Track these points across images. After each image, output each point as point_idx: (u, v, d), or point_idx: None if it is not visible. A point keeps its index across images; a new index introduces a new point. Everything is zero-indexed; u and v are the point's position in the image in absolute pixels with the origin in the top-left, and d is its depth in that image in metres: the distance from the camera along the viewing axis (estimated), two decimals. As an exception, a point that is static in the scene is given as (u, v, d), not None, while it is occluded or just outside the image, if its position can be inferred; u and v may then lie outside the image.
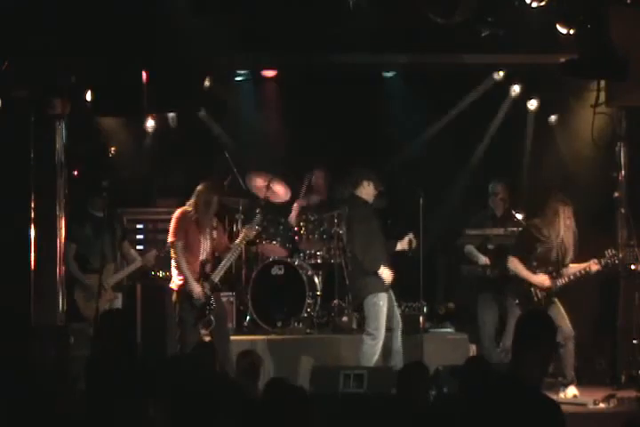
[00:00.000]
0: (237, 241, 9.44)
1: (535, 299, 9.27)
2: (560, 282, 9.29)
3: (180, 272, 9.09)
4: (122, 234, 9.78)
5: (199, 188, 9.24)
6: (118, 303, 9.59)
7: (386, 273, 9.20)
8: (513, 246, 9.59)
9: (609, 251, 9.29)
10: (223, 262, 9.29)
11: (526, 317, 4.77)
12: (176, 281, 9.15)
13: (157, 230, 10.70)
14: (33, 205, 9.62)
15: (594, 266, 9.26)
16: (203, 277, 9.13)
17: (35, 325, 9.24)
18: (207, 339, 9.12)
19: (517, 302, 9.35)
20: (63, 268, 9.65)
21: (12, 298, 9.41)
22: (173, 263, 9.16)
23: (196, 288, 9.04)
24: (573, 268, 9.32)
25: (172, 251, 9.16)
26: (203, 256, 9.19)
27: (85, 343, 9.04)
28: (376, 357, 9.23)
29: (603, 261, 9.27)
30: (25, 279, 9.57)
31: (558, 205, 9.28)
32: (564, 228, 9.26)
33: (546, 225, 9.30)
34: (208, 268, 9.19)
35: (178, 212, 9.29)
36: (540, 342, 4.44)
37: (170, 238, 9.17)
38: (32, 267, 9.59)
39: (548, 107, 11.30)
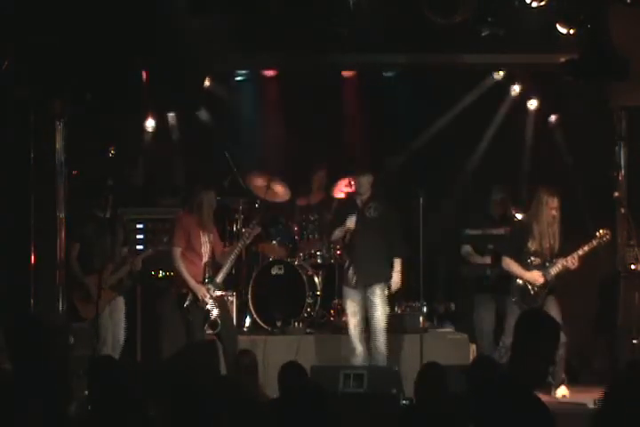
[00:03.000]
0: (239, 243, 9.49)
1: (532, 292, 9.33)
2: (554, 271, 9.32)
3: (182, 277, 9.13)
4: (123, 240, 9.71)
5: (199, 190, 9.25)
6: (119, 303, 9.57)
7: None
8: (505, 247, 9.63)
9: (601, 231, 9.32)
10: (227, 265, 9.32)
11: (526, 316, 4.74)
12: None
13: (157, 230, 10.69)
14: (33, 205, 9.62)
15: (585, 248, 9.31)
16: (207, 279, 9.16)
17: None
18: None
19: (514, 299, 9.39)
20: (63, 267, 9.65)
21: (12, 298, 9.43)
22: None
23: (201, 292, 9.08)
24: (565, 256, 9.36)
25: (172, 256, 9.19)
26: (206, 258, 9.23)
27: (85, 343, 9.06)
28: None
29: (595, 242, 9.29)
30: (25, 279, 9.57)
31: (543, 196, 9.32)
32: (551, 218, 9.31)
33: (533, 219, 9.36)
34: (211, 270, 9.22)
35: (180, 216, 9.35)
36: (539, 343, 4.41)
37: (171, 243, 9.21)
38: (32, 267, 9.60)
39: (548, 107, 11.30)
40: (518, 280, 9.34)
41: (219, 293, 9.22)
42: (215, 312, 9.10)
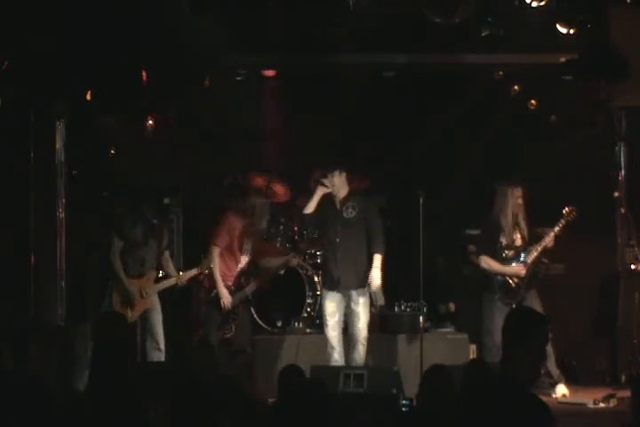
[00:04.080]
0: (276, 262, 9.58)
1: (513, 286, 9.37)
2: (531, 258, 9.39)
3: (213, 277, 9.11)
4: (166, 244, 9.61)
5: (251, 194, 9.20)
6: (156, 311, 9.41)
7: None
8: (479, 246, 9.67)
9: (566, 209, 9.37)
10: (259, 282, 9.36)
11: (513, 315, 4.74)
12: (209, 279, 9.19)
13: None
14: (33, 205, 9.63)
15: (555, 229, 9.35)
16: (237, 287, 9.17)
17: (35, 325, 9.25)
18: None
19: (497, 296, 9.42)
20: (63, 268, 9.66)
21: (12, 298, 9.43)
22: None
23: (226, 296, 9.06)
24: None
25: (209, 253, 9.15)
26: (242, 265, 9.21)
27: (89, 345, 9.03)
28: None
29: (563, 220, 9.32)
30: (25, 280, 9.58)
31: (507, 188, 9.46)
32: (517, 207, 9.41)
33: (499, 213, 9.46)
34: (244, 279, 9.22)
35: (229, 216, 9.26)
36: (528, 342, 4.40)
37: (212, 241, 9.17)
38: (32, 267, 9.60)
39: (548, 107, 11.30)
40: (498, 277, 9.40)
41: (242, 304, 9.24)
42: (232, 318, 9.12)
